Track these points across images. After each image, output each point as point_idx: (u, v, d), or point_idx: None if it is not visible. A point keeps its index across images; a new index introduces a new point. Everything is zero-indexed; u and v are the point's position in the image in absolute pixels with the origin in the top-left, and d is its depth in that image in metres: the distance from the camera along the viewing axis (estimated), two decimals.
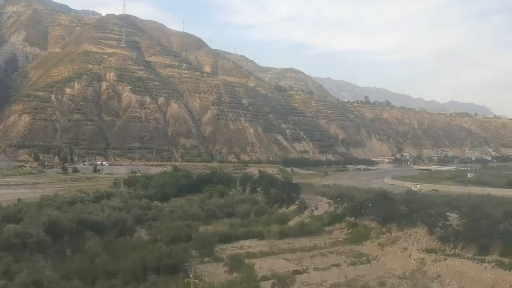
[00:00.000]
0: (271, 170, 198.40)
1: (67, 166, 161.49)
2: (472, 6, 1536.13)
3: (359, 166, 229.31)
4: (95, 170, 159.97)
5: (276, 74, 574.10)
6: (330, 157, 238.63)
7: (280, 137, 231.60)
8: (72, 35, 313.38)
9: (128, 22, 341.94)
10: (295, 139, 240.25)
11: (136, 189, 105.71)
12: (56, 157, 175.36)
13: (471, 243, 43.71)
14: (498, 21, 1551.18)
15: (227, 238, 57.30)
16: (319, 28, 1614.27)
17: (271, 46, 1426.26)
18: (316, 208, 73.18)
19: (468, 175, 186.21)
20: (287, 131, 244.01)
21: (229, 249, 52.10)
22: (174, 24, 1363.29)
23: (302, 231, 60.56)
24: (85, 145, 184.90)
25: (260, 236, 59.57)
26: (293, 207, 79.48)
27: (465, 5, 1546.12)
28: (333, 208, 67.27)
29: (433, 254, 44.42)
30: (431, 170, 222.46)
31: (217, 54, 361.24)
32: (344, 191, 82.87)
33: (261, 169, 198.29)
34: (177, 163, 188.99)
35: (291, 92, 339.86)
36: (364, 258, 49.17)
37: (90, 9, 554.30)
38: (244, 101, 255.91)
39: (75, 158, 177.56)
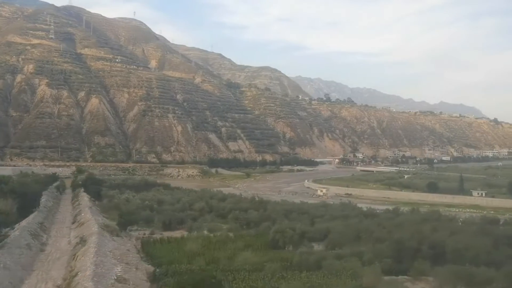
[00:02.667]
0: (191, 171, 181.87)
1: None
2: (463, 8, 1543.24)
3: (297, 167, 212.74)
4: None
5: (252, 73, 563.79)
6: (268, 157, 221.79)
7: (212, 136, 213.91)
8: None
9: (71, 13, 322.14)
10: (231, 138, 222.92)
11: None
12: None
13: None
14: (489, 23, 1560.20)
15: None
16: (312, 29, 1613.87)
17: (265, 46, 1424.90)
18: None
19: (405, 177, 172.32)
20: (223, 129, 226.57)
21: None
22: (165, 24, 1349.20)
23: None
24: None
25: None
26: None
27: (457, 7, 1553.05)
28: None
29: None
30: (373, 171, 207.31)
31: (166, 48, 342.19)
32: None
33: (180, 169, 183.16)
34: (85, 163, 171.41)
35: (243, 89, 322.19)
36: None
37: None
38: (179, 96, 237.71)
39: None
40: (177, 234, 44.08)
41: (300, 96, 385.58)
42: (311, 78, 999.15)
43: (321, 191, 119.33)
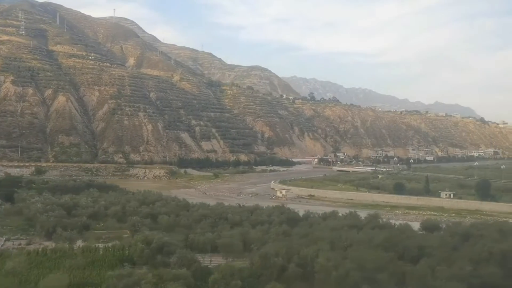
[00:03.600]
0: (158, 172, 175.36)
1: None
2: (459, 9, 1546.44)
3: (271, 167, 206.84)
4: None
5: (242, 72, 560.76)
6: (243, 157, 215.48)
7: (184, 135, 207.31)
8: None
9: (47, 10, 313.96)
10: (204, 137, 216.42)
11: None
12: None
13: None
14: (485, 24, 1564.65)
15: None
16: (309, 29, 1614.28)
17: (262, 47, 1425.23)
18: None
19: (379, 177, 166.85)
20: (197, 128, 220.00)
21: None
22: (162, 25, 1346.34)
23: None
24: None
25: None
26: None
27: (452, 8, 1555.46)
28: None
29: None
30: (349, 171, 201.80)
31: (146, 46, 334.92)
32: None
33: (146, 170, 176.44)
34: (47, 164, 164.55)
35: (224, 88, 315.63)
36: None
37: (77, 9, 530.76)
38: (152, 95, 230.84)
39: None
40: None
41: (284, 95, 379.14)
42: (306, 79, 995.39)
43: (280, 192, 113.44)
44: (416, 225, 62.01)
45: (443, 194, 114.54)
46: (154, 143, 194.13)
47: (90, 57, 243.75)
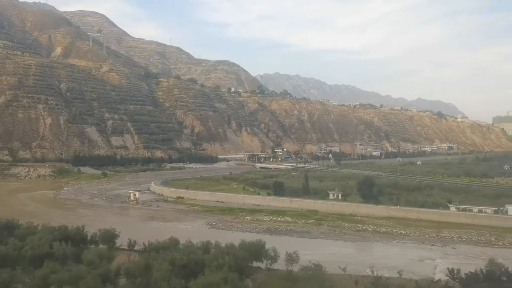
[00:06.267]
0: (44, 171, 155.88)
1: None
2: (443, 6, 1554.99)
3: (190, 164, 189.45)
4: None
5: (208, 67, 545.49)
6: (159, 153, 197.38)
7: (90, 129, 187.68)
8: None
9: None
10: (117, 132, 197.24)
11: None
12: None
13: None
14: (467, 21, 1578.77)
15: None
16: (294, 27, 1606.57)
17: (248, 44, 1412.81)
18: None
19: (292, 174, 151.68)
20: (110, 122, 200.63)
21: None
22: (147, 22, 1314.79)
23: None
24: None
25: None
26: None
27: (436, 5, 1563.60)
28: None
29: None
30: (271, 168, 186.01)
31: (78, 36, 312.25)
32: None
33: (30, 168, 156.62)
34: None
35: (160, 79, 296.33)
36: None
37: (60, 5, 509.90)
38: (63, 85, 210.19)
39: None
40: None
41: (233, 88, 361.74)
42: (289, 75, 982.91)
43: (134, 195, 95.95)
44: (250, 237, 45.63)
45: (331, 195, 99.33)
46: (51, 139, 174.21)
47: None
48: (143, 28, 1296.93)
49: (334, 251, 57.24)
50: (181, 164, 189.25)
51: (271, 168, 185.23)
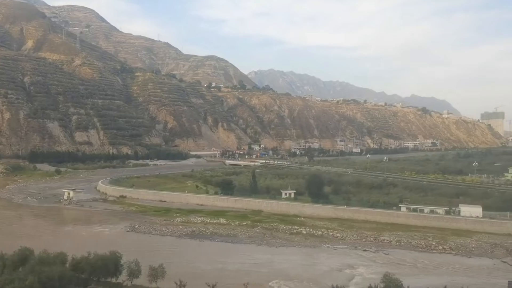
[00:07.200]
0: None
1: None
2: (437, 4, 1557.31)
3: (158, 161, 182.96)
4: None
5: (196, 62, 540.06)
6: (125, 149, 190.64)
7: (52, 125, 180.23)
8: None
9: None
10: (81, 127, 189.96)
11: None
12: None
13: None
14: (461, 19, 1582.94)
15: None
16: (290, 24, 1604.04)
17: (243, 40, 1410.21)
18: None
19: (257, 171, 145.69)
20: (74, 117, 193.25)
21: None
22: (142, 18, 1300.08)
23: None
24: None
25: None
26: None
27: (430, 3, 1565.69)
28: None
29: None
30: (240, 165, 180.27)
31: (51, 29, 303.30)
32: None
33: None
34: None
35: (137, 74, 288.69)
36: None
37: None
38: (26, 79, 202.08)
39: None
40: None
41: (214, 83, 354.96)
42: (283, 71, 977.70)
43: (68, 194, 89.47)
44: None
45: (284, 194, 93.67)
46: (8, 134, 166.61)
47: None
48: (138, 24, 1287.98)
49: (251, 258, 51.47)
50: (148, 161, 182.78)
51: (241, 165, 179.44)
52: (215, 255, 52.54)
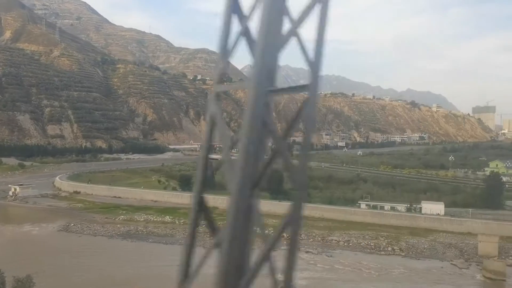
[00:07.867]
0: None
1: None
2: None
3: (133, 155, 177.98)
4: None
5: (187, 55, 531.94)
6: (100, 143, 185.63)
7: (23, 117, 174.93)
8: None
9: None
10: (54, 120, 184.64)
11: None
12: None
13: None
14: (457, 13, 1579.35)
15: None
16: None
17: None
18: None
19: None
20: (47, 109, 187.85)
21: None
22: (137, 11, 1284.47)
23: None
24: None
25: None
26: None
27: None
28: None
29: None
30: (217, 159, 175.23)
31: (31, 19, 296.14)
32: None
33: None
34: None
35: (118, 66, 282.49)
36: None
37: None
38: None
39: None
40: None
41: (200, 76, 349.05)
42: (279, 65, 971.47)
43: (14, 190, 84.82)
44: None
45: None
46: None
47: None
48: (134, 17, 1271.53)
49: (174, 260, 47.11)
50: (122, 155, 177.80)
51: (217, 159, 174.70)
52: (142, 257, 48.39)
